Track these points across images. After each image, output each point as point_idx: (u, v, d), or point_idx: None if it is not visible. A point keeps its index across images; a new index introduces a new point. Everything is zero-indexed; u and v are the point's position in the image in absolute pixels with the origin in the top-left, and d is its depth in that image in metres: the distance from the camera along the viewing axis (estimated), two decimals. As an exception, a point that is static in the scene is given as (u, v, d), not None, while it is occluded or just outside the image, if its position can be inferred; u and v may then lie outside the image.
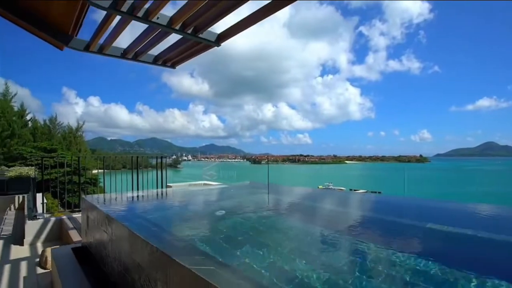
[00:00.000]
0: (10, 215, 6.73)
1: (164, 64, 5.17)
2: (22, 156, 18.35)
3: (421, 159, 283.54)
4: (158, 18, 3.47)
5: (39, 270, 3.61)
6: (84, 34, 4.36)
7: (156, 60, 5.02)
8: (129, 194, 4.59)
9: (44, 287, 3.22)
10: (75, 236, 4.08)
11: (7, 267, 3.73)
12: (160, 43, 4.28)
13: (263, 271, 1.55)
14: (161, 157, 6.33)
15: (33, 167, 8.50)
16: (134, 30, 4.27)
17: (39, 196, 6.94)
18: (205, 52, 4.49)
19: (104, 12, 3.36)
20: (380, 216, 3.45)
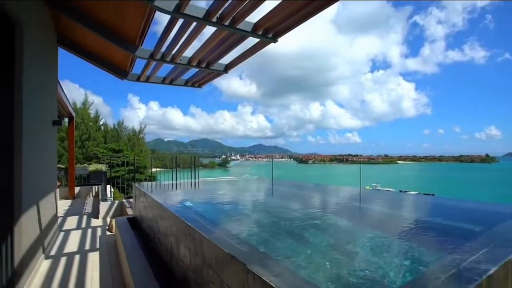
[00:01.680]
0: (89, 200, 8.88)
1: (192, 85, 6.62)
2: (96, 156, 21.91)
3: (487, 159, 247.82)
4: (181, 60, 4.86)
5: (108, 233, 5.27)
6: (136, 69, 5.99)
7: (186, 83, 6.48)
8: (163, 183, 6.14)
9: (110, 243, 4.81)
10: (130, 211, 5.76)
11: (89, 231, 5.48)
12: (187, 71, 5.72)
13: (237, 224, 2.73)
14: (194, 157, 7.84)
15: (105, 164, 10.86)
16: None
17: (108, 186, 9.04)
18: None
19: (146, 59, 4.85)
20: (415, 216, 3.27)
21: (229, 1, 3.17)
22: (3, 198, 2.64)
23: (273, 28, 3.74)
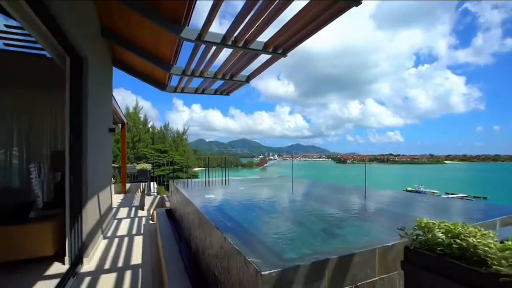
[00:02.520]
0: (138, 195, 10.09)
1: (221, 94, 7.30)
2: (145, 156, 24.02)
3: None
4: (208, 74, 5.53)
5: (150, 222, 6.16)
6: (173, 82, 6.84)
7: (215, 92, 7.18)
8: (196, 180, 6.88)
9: (152, 230, 5.66)
10: (168, 204, 6.62)
11: (136, 220, 6.43)
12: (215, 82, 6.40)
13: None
14: (225, 157, 8.54)
15: (150, 164, 12.17)
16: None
17: (152, 183, 10.19)
18: (289, 54, 4.62)
19: (179, 75, 5.62)
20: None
21: (241, 27, 3.70)
22: (76, 189, 3.48)
23: (281, 45, 4.19)
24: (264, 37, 4.11)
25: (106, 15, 4.32)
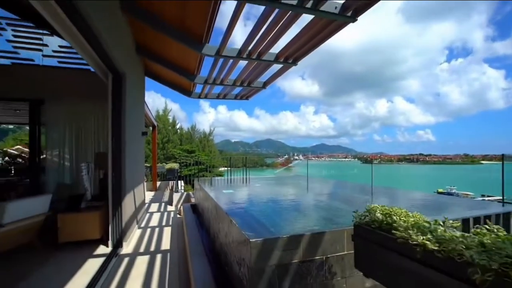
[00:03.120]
0: (167, 192, 10.90)
1: (241, 98, 7.80)
2: (174, 156, 25.25)
3: None
4: (227, 82, 6.04)
5: (178, 216, 6.78)
6: (197, 89, 7.45)
7: (236, 97, 7.69)
8: (219, 178, 7.42)
9: (179, 223, 6.26)
10: (193, 200, 7.23)
11: (165, 214, 7.11)
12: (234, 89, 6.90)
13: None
14: (245, 157, 9.03)
15: (177, 164, 13.03)
16: (220, 84, 6.97)
17: (180, 181, 10.95)
18: (313, 53, 4.59)
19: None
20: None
21: (254, 42, 4.12)
22: (117, 185, 4.12)
23: (292, 55, 4.56)
24: (276, 49, 4.52)
25: (139, 35, 4.96)
